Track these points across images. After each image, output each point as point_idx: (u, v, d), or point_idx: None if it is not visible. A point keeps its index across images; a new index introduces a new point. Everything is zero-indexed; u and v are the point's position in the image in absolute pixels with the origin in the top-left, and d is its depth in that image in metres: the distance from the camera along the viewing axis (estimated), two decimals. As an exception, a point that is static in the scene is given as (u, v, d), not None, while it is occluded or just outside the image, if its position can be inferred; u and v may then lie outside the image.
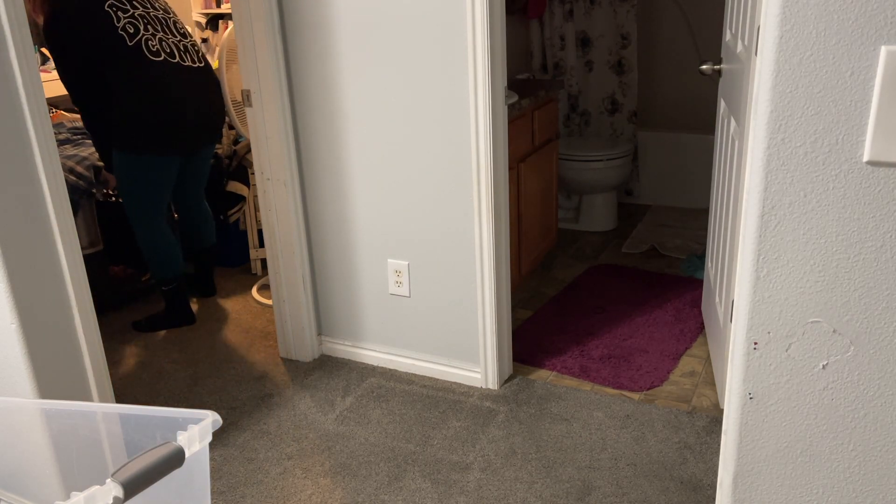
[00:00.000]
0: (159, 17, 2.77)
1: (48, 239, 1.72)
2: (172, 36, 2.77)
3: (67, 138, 3.40)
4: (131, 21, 2.64)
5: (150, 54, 2.66)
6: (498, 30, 2.19)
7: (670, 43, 4.12)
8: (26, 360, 1.72)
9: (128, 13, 2.65)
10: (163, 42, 2.71)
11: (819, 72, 0.96)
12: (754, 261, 1.06)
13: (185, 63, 2.76)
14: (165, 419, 1.25)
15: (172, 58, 2.72)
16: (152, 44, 2.67)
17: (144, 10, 2.71)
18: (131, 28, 2.63)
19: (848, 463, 1.11)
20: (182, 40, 2.80)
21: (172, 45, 2.74)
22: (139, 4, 2.71)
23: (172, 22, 2.82)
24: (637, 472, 2.08)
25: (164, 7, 2.84)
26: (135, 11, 2.67)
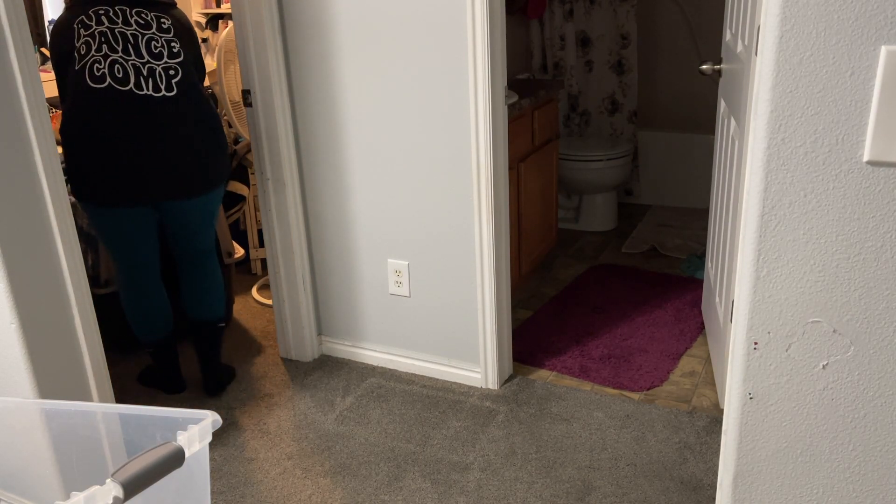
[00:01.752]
0: (128, 33, 2.21)
1: (48, 239, 1.72)
2: (136, 57, 2.20)
3: None
4: (87, 40, 2.18)
5: (91, 80, 2.15)
6: (498, 30, 2.19)
7: (670, 43, 4.12)
8: (26, 360, 1.72)
9: (89, 30, 2.18)
10: (116, 65, 2.17)
11: (819, 72, 0.96)
12: (754, 261, 1.06)
13: (143, 91, 2.18)
14: (165, 419, 1.25)
15: (123, 84, 2.16)
16: (98, 67, 2.16)
17: (110, 26, 2.20)
18: (83, 49, 2.17)
19: (848, 463, 1.11)
20: (150, 62, 2.21)
21: (130, 69, 2.18)
22: (108, 19, 2.21)
23: (146, 40, 2.23)
24: (637, 472, 2.08)
25: (148, 20, 2.27)
26: (97, 28, 2.18)
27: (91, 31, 2.18)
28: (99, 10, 2.21)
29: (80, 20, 2.19)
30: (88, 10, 2.19)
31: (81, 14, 2.19)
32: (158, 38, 2.26)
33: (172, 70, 2.25)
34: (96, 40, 2.18)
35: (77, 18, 2.19)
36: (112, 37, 2.19)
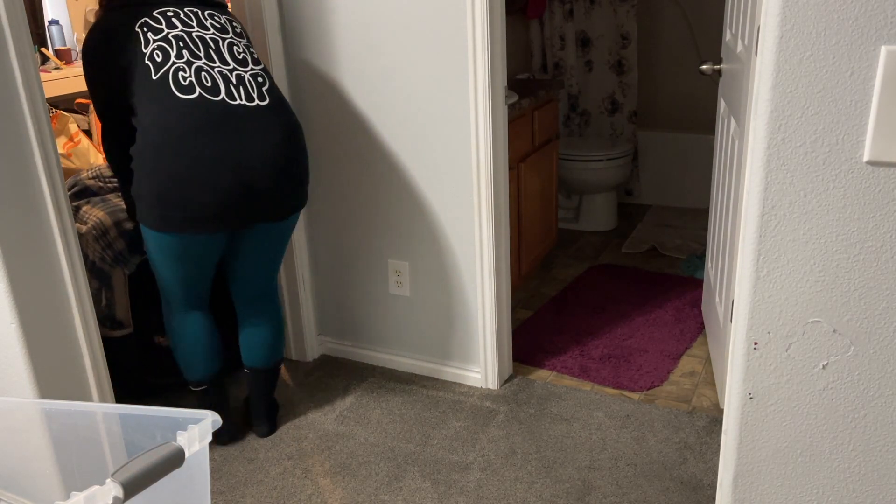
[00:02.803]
0: (207, 38, 1.95)
1: (48, 239, 1.72)
2: (221, 63, 1.94)
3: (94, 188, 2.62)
4: (162, 45, 1.90)
5: (178, 90, 1.86)
6: (498, 30, 2.19)
7: (670, 43, 4.12)
8: (26, 360, 1.72)
9: (160, 34, 1.91)
10: (202, 72, 1.89)
11: (819, 72, 0.96)
12: (754, 261, 1.06)
13: (236, 101, 1.91)
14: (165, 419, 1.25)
15: (214, 94, 1.88)
16: (184, 76, 1.88)
17: (185, 30, 1.94)
18: (159, 55, 1.89)
19: (848, 463, 1.11)
20: (237, 69, 1.95)
21: (218, 77, 1.91)
22: (181, 22, 1.95)
23: (228, 44, 1.99)
24: (637, 472, 2.08)
25: (223, 24, 2.03)
26: (170, 32, 1.92)
27: (164, 36, 1.91)
28: (166, 11, 1.95)
29: (143, 23, 1.91)
30: (152, 12, 1.93)
31: (143, 16, 1.92)
32: (238, 43, 2.02)
33: (260, 77, 1.99)
34: (174, 46, 1.90)
35: (139, 21, 1.92)
36: (191, 41, 1.93)
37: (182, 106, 1.85)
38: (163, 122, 1.84)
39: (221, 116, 1.87)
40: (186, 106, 1.85)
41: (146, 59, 1.88)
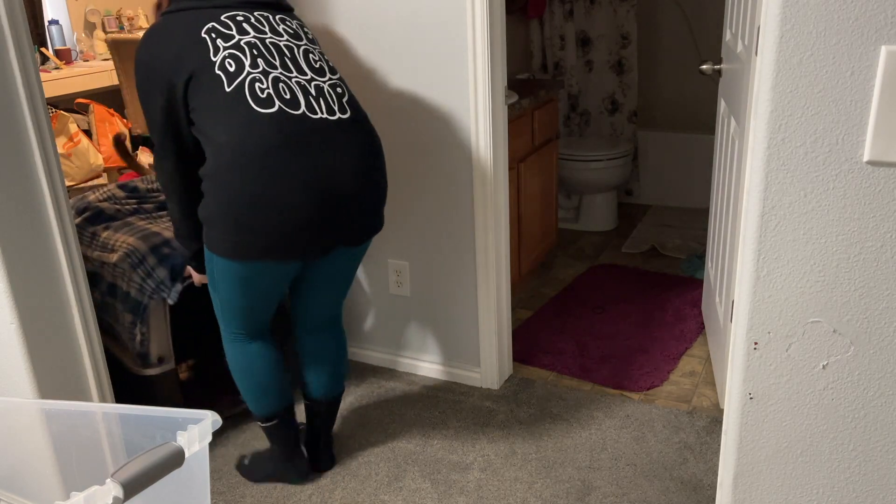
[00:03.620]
0: (281, 44, 1.76)
1: (47, 239, 1.72)
2: (298, 73, 1.75)
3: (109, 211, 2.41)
4: (234, 53, 1.70)
5: (256, 103, 1.67)
6: (498, 30, 2.19)
7: (670, 43, 4.12)
8: (26, 360, 1.72)
9: (231, 41, 1.71)
10: (280, 83, 1.70)
11: (819, 72, 0.96)
12: (754, 261, 1.06)
13: (317, 115, 1.72)
14: (165, 419, 1.25)
15: (294, 107, 1.69)
16: (261, 87, 1.68)
17: (258, 36, 1.74)
18: (232, 65, 1.69)
19: (848, 463, 1.11)
20: (315, 79, 1.77)
21: (296, 88, 1.72)
22: (252, 27, 1.75)
23: (303, 52, 1.80)
24: (637, 472, 2.08)
25: (295, 29, 1.84)
26: (242, 38, 1.72)
27: (235, 43, 1.71)
28: (235, 15, 1.76)
29: (211, 29, 1.71)
30: (219, 17, 1.73)
31: (210, 21, 1.72)
32: (313, 50, 1.83)
33: (339, 88, 1.81)
34: (247, 54, 1.71)
35: (205, 26, 1.71)
36: (265, 49, 1.73)
37: (261, 121, 1.66)
38: (240, 139, 1.65)
39: (303, 132, 1.68)
40: (266, 121, 1.66)
41: (216, 69, 1.68)
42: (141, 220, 2.32)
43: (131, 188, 2.55)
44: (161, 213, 2.40)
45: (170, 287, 2.10)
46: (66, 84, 4.58)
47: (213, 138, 1.68)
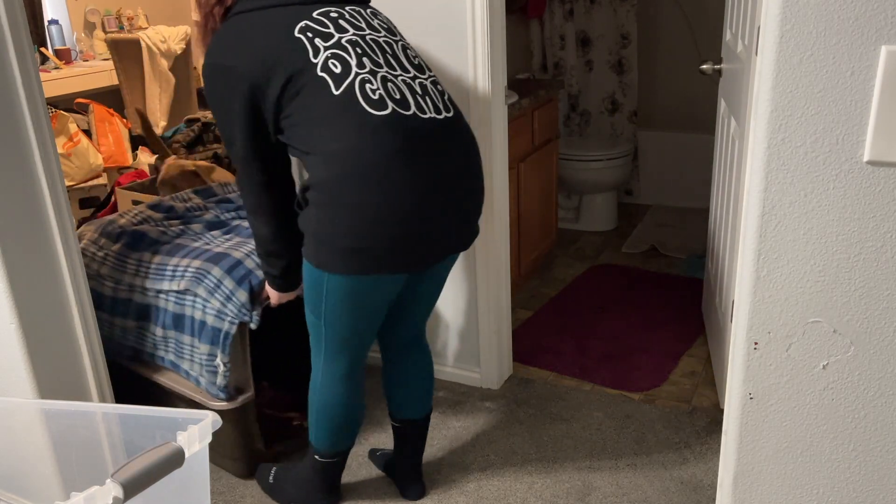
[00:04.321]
0: (381, 41, 1.63)
1: (47, 239, 1.72)
2: (402, 71, 1.62)
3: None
4: (337, 52, 1.55)
5: (369, 106, 1.53)
6: (498, 30, 2.19)
7: (670, 43, 4.12)
8: (26, 360, 1.72)
9: (331, 40, 1.56)
10: (388, 83, 1.57)
11: (819, 71, 0.96)
12: (754, 261, 1.06)
13: (426, 115, 1.59)
14: (165, 419, 1.25)
15: (405, 108, 1.56)
16: (371, 88, 1.54)
17: (357, 33, 1.60)
18: (337, 65, 1.54)
19: (848, 463, 1.11)
20: (417, 76, 1.64)
21: (403, 87, 1.59)
22: (349, 24, 1.61)
23: (402, 47, 1.67)
24: (637, 472, 2.08)
25: (388, 24, 1.71)
26: (342, 37, 1.58)
27: (336, 42, 1.56)
28: (328, 11, 1.61)
29: (305, 27, 1.56)
30: (311, 13, 1.58)
31: (302, 19, 1.57)
32: (409, 46, 1.71)
33: (439, 85, 1.68)
34: (351, 53, 1.56)
35: (298, 25, 1.56)
36: (367, 46, 1.59)
37: (376, 125, 1.52)
38: (357, 146, 1.51)
39: (417, 134, 1.56)
40: (381, 125, 1.52)
41: (319, 71, 1.53)
42: (194, 241, 2.13)
43: (166, 208, 2.34)
44: (214, 232, 2.20)
45: (250, 310, 1.93)
46: (65, 84, 4.58)
47: (319, 146, 1.53)
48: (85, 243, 2.23)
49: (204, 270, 1.96)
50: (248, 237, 2.14)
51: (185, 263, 2.01)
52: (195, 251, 2.05)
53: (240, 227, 2.23)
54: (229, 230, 2.23)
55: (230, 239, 2.14)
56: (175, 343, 2.04)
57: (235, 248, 2.04)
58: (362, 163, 1.51)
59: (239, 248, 2.04)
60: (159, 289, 2.02)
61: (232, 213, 2.37)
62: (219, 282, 1.93)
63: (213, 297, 1.93)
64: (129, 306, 2.10)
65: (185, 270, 1.99)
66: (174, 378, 2.10)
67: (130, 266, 2.10)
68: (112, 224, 2.22)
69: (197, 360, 1.99)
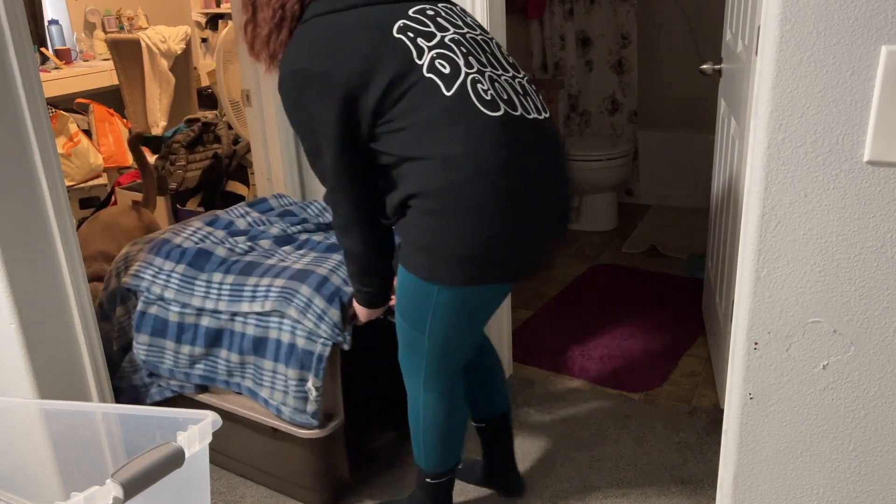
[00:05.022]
0: (479, 39, 1.53)
1: (47, 239, 1.72)
2: (503, 70, 1.53)
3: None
4: (442, 52, 1.45)
5: (483, 106, 1.44)
6: (498, 30, 2.19)
7: (670, 43, 4.12)
8: (26, 360, 1.72)
9: (434, 39, 1.46)
10: (495, 83, 1.48)
11: (819, 71, 0.95)
12: (754, 261, 1.06)
13: (530, 115, 1.51)
14: (165, 419, 1.25)
15: (513, 108, 1.48)
16: (483, 87, 1.45)
17: (457, 31, 1.50)
18: (445, 65, 1.44)
19: (848, 463, 1.11)
20: (516, 75, 1.55)
21: (507, 87, 1.50)
22: (446, 21, 1.50)
23: (496, 45, 1.59)
24: (637, 472, 2.08)
25: (477, 22, 1.62)
26: (444, 35, 1.47)
27: (439, 41, 1.46)
28: (424, 9, 1.50)
29: (403, 27, 1.45)
30: (406, 12, 1.47)
31: (399, 18, 1.46)
32: (499, 43, 1.64)
33: (532, 84, 1.59)
34: (456, 52, 1.46)
35: (395, 24, 1.45)
36: (469, 45, 1.50)
37: (493, 126, 1.44)
38: (477, 149, 1.42)
39: (526, 136, 1.48)
40: (497, 126, 1.44)
41: (426, 72, 1.42)
42: (266, 258, 1.99)
43: (225, 223, 2.17)
44: (285, 248, 2.07)
45: (343, 330, 1.79)
46: (65, 84, 4.58)
47: (432, 150, 1.43)
48: (138, 266, 2.02)
49: (291, 289, 1.81)
50: (323, 252, 1.99)
51: (265, 283, 1.85)
52: (273, 269, 1.89)
53: (311, 241, 2.08)
54: (300, 245, 2.07)
55: (305, 254, 1.99)
56: (254, 369, 1.89)
57: (316, 264, 1.89)
58: (483, 165, 1.42)
59: (319, 263, 1.89)
60: (235, 311, 1.87)
61: (297, 226, 2.18)
62: (309, 301, 1.79)
63: (306, 318, 1.78)
64: (198, 331, 1.93)
65: (269, 290, 1.83)
66: (250, 405, 1.96)
67: (199, 288, 1.92)
68: (167, 243, 2.04)
69: (280, 387, 1.85)
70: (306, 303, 1.79)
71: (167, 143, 3.59)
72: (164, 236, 2.07)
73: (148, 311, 1.99)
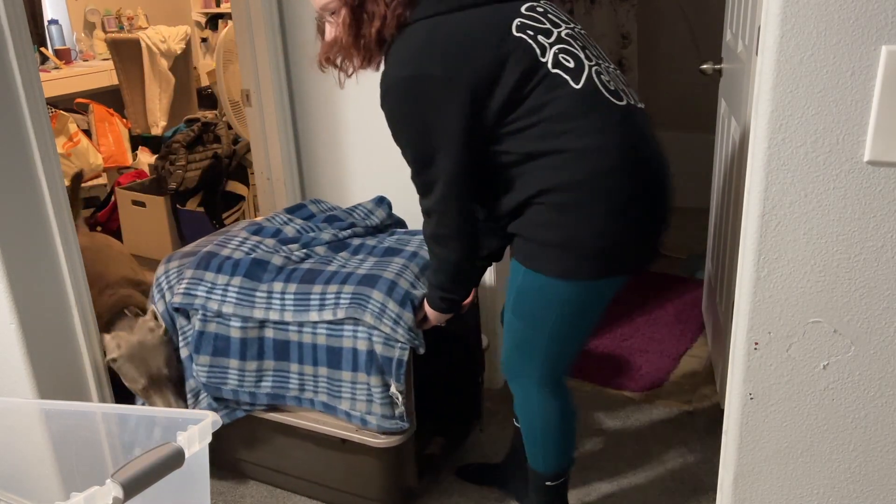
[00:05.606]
0: (582, 33, 1.55)
1: (47, 239, 1.72)
2: (607, 62, 1.53)
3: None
4: (563, 47, 1.45)
5: (612, 97, 1.45)
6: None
7: (670, 43, 4.12)
8: (26, 360, 1.72)
9: (552, 36, 1.45)
10: (610, 74, 1.50)
11: (820, 71, 0.95)
12: (755, 261, 1.06)
13: (639, 105, 1.52)
14: (165, 419, 1.25)
15: (629, 99, 1.50)
16: (605, 78, 1.46)
17: (567, 26, 1.51)
18: (569, 60, 1.43)
19: (849, 463, 1.11)
20: (615, 68, 1.56)
21: (617, 78, 1.51)
22: (556, 17, 1.51)
23: (591, 38, 1.59)
24: (637, 472, 2.08)
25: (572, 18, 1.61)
26: (559, 31, 1.47)
27: (557, 36, 1.45)
28: (534, 5, 1.49)
29: (521, 24, 1.42)
30: (519, 10, 1.45)
31: (513, 16, 1.43)
32: None
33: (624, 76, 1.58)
34: (575, 46, 1.47)
35: (513, 23, 1.42)
36: (579, 38, 1.51)
37: (623, 116, 1.44)
38: (611, 138, 1.42)
39: (642, 125, 1.49)
40: (625, 115, 1.45)
41: (553, 67, 1.41)
42: (325, 264, 1.91)
43: (273, 231, 2.08)
44: (342, 254, 1.99)
45: (418, 333, 1.76)
46: (65, 84, 4.58)
47: (566, 144, 1.41)
48: (187, 284, 1.90)
49: (363, 295, 1.76)
50: (382, 256, 1.94)
51: (332, 290, 1.79)
52: (337, 275, 1.83)
53: (365, 245, 2.02)
54: (355, 250, 2.00)
55: (364, 259, 1.93)
56: (328, 381, 1.83)
57: (380, 268, 1.84)
58: (619, 156, 1.42)
59: (383, 268, 1.84)
60: (303, 321, 1.80)
61: (347, 230, 2.10)
62: (383, 305, 1.74)
63: (382, 323, 1.73)
64: (264, 345, 1.85)
65: (338, 297, 1.77)
66: (313, 418, 1.90)
67: (260, 299, 1.83)
68: (215, 256, 1.93)
69: (362, 396, 1.79)
70: (381, 308, 1.74)
71: (167, 143, 3.59)
72: (207, 249, 1.96)
73: (206, 329, 1.86)
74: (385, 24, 1.43)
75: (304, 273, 1.86)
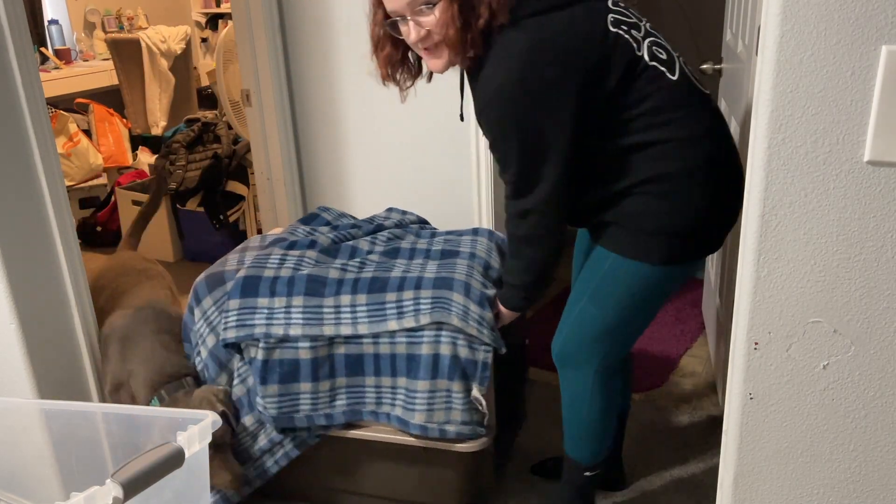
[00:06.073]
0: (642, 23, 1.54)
1: (47, 239, 1.73)
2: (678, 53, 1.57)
3: None
4: (654, 41, 1.49)
5: (701, 86, 1.53)
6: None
7: (670, 43, 4.13)
8: (26, 360, 1.72)
9: (641, 29, 1.49)
10: (688, 67, 1.54)
11: (820, 71, 0.95)
12: (755, 261, 1.06)
13: (707, 91, 1.56)
14: (165, 419, 1.25)
15: (706, 89, 1.55)
16: (690, 69, 1.53)
17: (646, 22, 1.55)
18: (661, 52, 1.48)
19: (849, 463, 1.11)
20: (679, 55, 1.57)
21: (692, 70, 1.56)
22: (633, 13, 1.53)
23: None
24: (637, 472, 2.08)
25: None
26: (644, 24, 1.52)
27: (645, 30, 1.51)
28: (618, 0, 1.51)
29: (615, 20, 1.43)
30: (607, 5, 1.46)
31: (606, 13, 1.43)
32: None
33: None
34: (660, 39, 1.52)
35: (607, 18, 1.42)
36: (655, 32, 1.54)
37: (711, 105, 1.51)
38: (709, 126, 1.48)
39: (714, 111, 1.54)
40: (711, 105, 1.52)
41: (649, 60, 1.44)
42: (386, 271, 1.84)
43: (308, 243, 1.96)
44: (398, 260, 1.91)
45: (499, 336, 1.73)
46: (65, 84, 4.58)
47: (669, 134, 1.44)
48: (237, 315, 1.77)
49: (444, 298, 1.70)
50: (440, 258, 1.89)
51: (409, 296, 1.72)
52: (407, 281, 1.76)
53: (418, 250, 1.95)
54: (409, 254, 1.94)
55: (424, 263, 1.87)
56: (405, 392, 1.75)
57: (447, 270, 1.79)
58: (715, 143, 1.48)
59: (451, 269, 1.80)
60: (379, 331, 1.72)
61: (385, 234, 2.05)
62: (465, 307, 1.69)
63: (468, 325, 1.68)
64: (335, 362, 1.76)
65: (418, 303, 1.71)
66: (392, 430, 1.82)
67: (328, 315, 1.73)
68: (260, 280, 1.80)
69: (440, 405, 1.73)
70: (464, 310, 1.69)
71: (167, 143, 3.59)
72: (243, 274, 1.81)
73: (271, 357, 1.74)
74: (494, 15, 1.38)
75: (370, 282, 1.77)
